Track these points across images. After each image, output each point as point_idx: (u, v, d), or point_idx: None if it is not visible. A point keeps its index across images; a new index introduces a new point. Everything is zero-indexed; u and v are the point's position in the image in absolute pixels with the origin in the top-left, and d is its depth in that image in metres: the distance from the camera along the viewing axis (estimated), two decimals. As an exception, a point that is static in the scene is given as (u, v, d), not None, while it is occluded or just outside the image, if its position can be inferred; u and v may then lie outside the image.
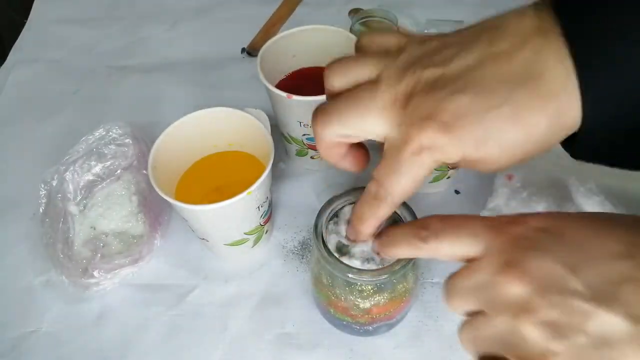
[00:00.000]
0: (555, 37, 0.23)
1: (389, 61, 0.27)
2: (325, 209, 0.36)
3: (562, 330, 0.21)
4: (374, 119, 0.27)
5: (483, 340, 0.24)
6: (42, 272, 0.47)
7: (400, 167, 0.26)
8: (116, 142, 0.51)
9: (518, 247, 0.23)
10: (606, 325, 0.20)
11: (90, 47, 0.69)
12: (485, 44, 0.25)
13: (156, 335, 0.43)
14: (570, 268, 0.22)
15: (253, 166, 0.46)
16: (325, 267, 0.35)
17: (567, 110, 0.23)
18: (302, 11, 0.71)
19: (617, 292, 0.21)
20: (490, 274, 0.23)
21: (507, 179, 0.45)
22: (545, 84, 0.23)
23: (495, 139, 0.24)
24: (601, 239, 0.23)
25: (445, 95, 0.25)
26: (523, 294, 0.22)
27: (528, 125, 0.24)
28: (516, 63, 0.24)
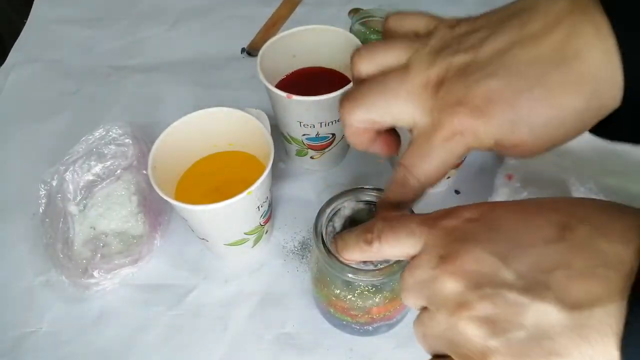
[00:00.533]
0: (592, 15, 0.22)
1: (419, 46, 0.27)
2: (325, 209, 0.36)
3: (499, 325, 0.21)
4: (402, 104, 0.27)
5: (430, 337, 0.24)
6: (42, 272, 0.47)
7: (431, 153, 0.26)
8: (116, 142, 0.51)
9: (450, 239, 0.23)
10: (542, 316, 0.20)
11: (90, 47, 0.69)
12: (516, 26, 0.24)
13: (156, 335, 0.43)
14: (501, 258, 0.21)
15: (253, 166, 0.46)
16: (325, 267, 0.35)
17: (606, 90, 0.23)
18: (302, 11, 0.71)
19: (549, 280, 0.20)
20: (428, 269, 0.23)
21: (507, 179, 0.45)
22: (581, 64, 0.22)
23: (527, 122, 0.24)
24: (532, 225, 0.22)
25: (476, 79, 0.24)
26: (457, 288, 0.22)
27: (561, 108, 0.23)
28: (549, 44, 0.23)
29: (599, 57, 0.22)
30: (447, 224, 0.24)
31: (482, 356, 0.21)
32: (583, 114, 0.23)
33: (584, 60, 0.22)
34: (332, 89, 0.43)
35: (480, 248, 0.22)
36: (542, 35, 0.23)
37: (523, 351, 0.20)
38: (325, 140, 0.49)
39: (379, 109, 0.27)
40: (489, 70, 0.24)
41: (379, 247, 0.26)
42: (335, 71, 0.51)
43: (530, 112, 0.23)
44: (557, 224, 0.21)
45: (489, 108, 0.24)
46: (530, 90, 0.23)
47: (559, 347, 0.20)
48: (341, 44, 0.49)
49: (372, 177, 0.52)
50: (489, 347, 0.21)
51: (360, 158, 0.55)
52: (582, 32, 0.22)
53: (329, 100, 0.43)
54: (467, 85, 0.24)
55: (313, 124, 0.46)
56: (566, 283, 0.20)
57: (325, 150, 0.51)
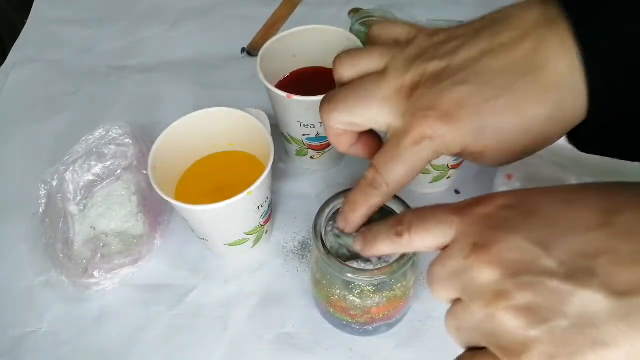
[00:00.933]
0: (561, 27, 0.23)
1: (397, 52, 0.28)
2: (325, 209, 0.36)
3: (540, 315, 0.20)
4: (377, 107, 0.27)
5: (464, 330, 0.23)
6: (42, 272, 0.47)
7: (400, 155, 0.26)
8: (116, 142, 0.51)
9: (485, 227, 0.23)
10: (586, 304, 0.19)
11: (90, 47, 0.69)
12: (489, 36, 0.25)
13: (156, 335, 0.43)
14: (541, 245, 0.21)
15: (253, 166, 0.46)
16: (325, 267, 0.35)
17: (570, 100, 0.23)
18: (302, 11, 0.71)
19: (594, 266, 0.19)
20: (461, 259, 0.23)
21: (507, 179, 0.46)
22: (547, 74, 0.23)
23: (493, 129, 0.24)
24: (573, 210, 0.21)
25: (447, 86, 0.25)
26: (493, 277, 0.21)
27: (526, 116, 0.24)
28: (518, 54, 0.24)
29: (564, 68, 0.23)
30: (480, 211, 0.23)
31: (523, 347, 0.20)
32: (547, 123, 0.24)
33: (549, 71, 0.23)
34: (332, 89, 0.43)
35: (517, 235, 0.21)
36: (512, 46, 0.24)
37: (566, 341, 0.19)
38: (326, 140, 0.49)
39: (355, 111, 0.28)
40: (460, 77, 0.25)
41: (409, 238, 0.26)
42: (335, 71, 0.51)
43: (496, 119, 0.24)
44: (600, 209, 0.21)
45: (458, 114, 0.25)
46: (497, 98, 0.24)
47: (605, 336, 0.19)
48: (341, 44, 0.48)
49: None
50: (530, 338, 0.20)
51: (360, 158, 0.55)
52: (549, 44, 0.23)
53: (326, 98, 0.43)
54: (439, 90, 0.25)
55: (313, 124, 0.46)
56: (612, 269, 0.19)
57: (325, 150, 0.51)
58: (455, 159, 0.46)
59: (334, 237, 0.36)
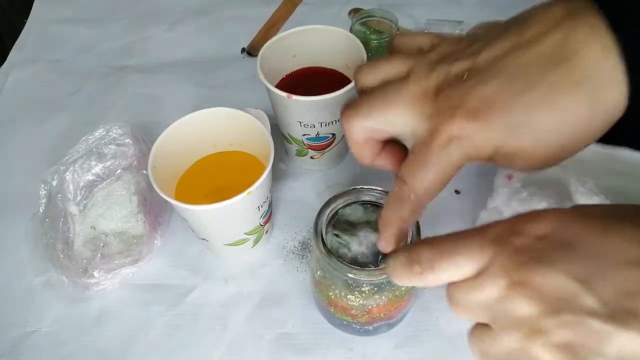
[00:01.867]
0: (589, 16, 0.22)
1: (419, 58, 0.27)
2: (325, 209, 0.36)
3: (578, 354, 0.19)
4: (401, 111, 0.26)
5: (491, 356, 0.23)
6: (42, 272, 0.47)
7: (427, 161, 0.25)
8: (116, 142, 0.51)
9: (522, 261, 0.22)
10: (626, 346, 0.19)
11: (90, 47, 0.69)
12: (514, 34, 0.24)
13: (156, 335, 0.43)
14: (582, 282, 0.20)
15: (253, 166, 0.46)
16: (325, 267, 0.35)
17: (607, 88, 0.22)
18: (302, 11, 0.71)
19: (636, 307, 0.19)
20: (495, 291, 0.22)
21: (507, 179, 0.45)
22: (579, 62, 0.22)
23: (527, 125, 0.23)
24: (612, 243, 0.21)
25: (473, 84, 0.24)
26: (532, 312, 0.21)
27: (562, 109, 0.23)
28: (546, 46, 0.23)
29: (597, 54, 0.22)
30: (516, 242, 0.22)
31: None
32: (584, 116, 0.23)
33: (581, 59, 0.22)
34: (332, 89, 0.43)
35: (557, 270, 0.21)
36: (539, 40, 0.23)
37: None
38: (326, 140, 0.49)
39: (377, 116, 0.27)
40: (486, 74, 0.24)
41: (435, 276, 0.24)
42: (335, 71, 0.51)
43: (530, 114, 0.23)
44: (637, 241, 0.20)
45: (486, 111, 0.23)
46: (529, 91, 0.23)
47: None
48: (341, 44, 0.49)
49: (372, 177, 0.52)
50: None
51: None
52: (579, 33, 0.22)
53: (329, 100, 0.43)
54: (465, 89, 0.24)
55: (313, 124, 0.46)
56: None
57: (325, 150, 0.51)
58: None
59: (335, 238, 0.36)
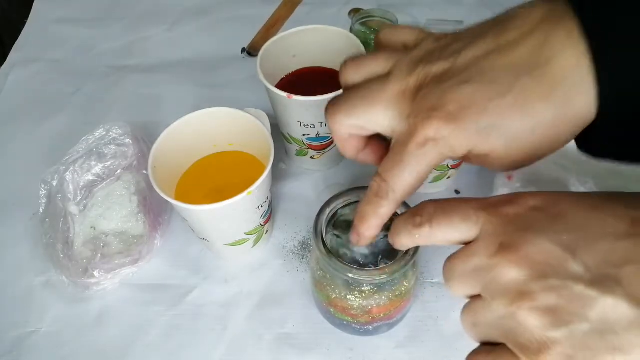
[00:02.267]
0: (567, 22, 0.23)
1: (402, 56, 0.28)
2: (325, 209, 0.36)
3: (562, 317, 0.20)
4: (381, 109, 0.27)
5: (482, 326, 0.23)
6: (42, 272, 0.47)
7: (404, 160, 0.26)
8: (116, 142, 0.51)
9: (513, 228, 0.23)
10: (609, 311, 0.19)
11: (90, 47, 0.69)
12: (494, 35, 0.25)
13: (156, 335, 0.43)
14: (569, 249, 0.21)
15: (253, 166, 0.46)
16: (325, 267, 0.35)
17: (577, 96, 0.23)
18: (302, 11, 0.71)
19: (620, 274, 0.20)
20: (486, 257, 0.23)
21: (507, 179, 0.46)
22: (553, 69, 0.23)
23: (499, 129, 0.24)
24: (602, 217, 0.22)
25: (450, 86, 0.25)
26: (520, 278, 0.21)
27: (533, 114, 0.23)
28: (522, 51, 0.23)
29: (570, 62, 0.22)
30: (509, 210, 0.23)
31: (543, 347, 0.21)
32: (555, 122, 0.23)
33: (555, 65, 0.23)
34: (333, 89, 0.43)
35: (546, 238, 0.22)
36: (517, 43, 0.24)
37: (585, 344, 0.20)
38: (326, 140, 0.49)
39: (358, 113, 0.28)
40: (464, 77, 0.24)
41: (430, 231, 0.25)
42: (336, 71, 0.51)
43: (503, 118, 0.24)
44: (628, 219, 0.21)
45: (461, 114, 0.24)
46: (503, 96, 0.23)
47: (623, 343, 0.19)
48: (341, 44, 0.49)
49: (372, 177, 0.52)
50: (550, 338, 0.20)
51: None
52: (555, 39, 0.23)
53: (329, 100, 0.43)
54: (442, 91, 0.25)
55: (313, 124, 0.46)
56: (637, 278, 0.20)
57: (325, 150, 0.51)
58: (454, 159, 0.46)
59: (335, 237, 0.36)
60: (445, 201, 0.26)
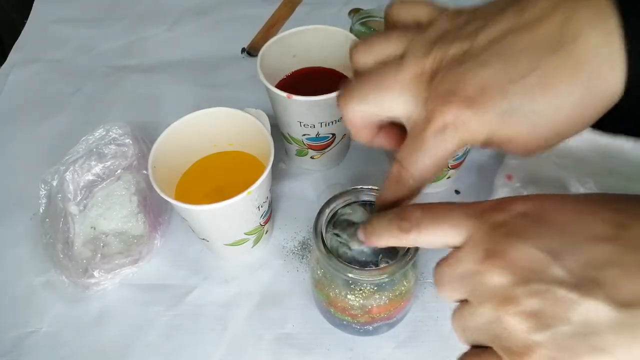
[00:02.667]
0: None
1: (416, 36, 0.26)
2: (325, 209, 0.36)
3: (545, 320, 0.20)
4: (396, 94, 0.26)
5: (470, 330, 0.24)
6: (42, 272, 0.47)
7: (423, 146, 0.25)
8: (116, 142, 0.51)
9: (499, 234, 0.23)
10: (590, 313, 0.20)
11: (90, 47, 0.69)
12: (513, 14, 0.24)
13: (156, 335, 0.43)
14: (552, 254, 0.21)
15: (253, 166, 0.46)
16: (325, 266, 0.35)
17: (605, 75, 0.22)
18: (302, 11, 0.71)
19: (601, 277, 0.20)
20: (473, 263, 0.23)
21: (507, 179, 0.46)
22: (579, 47, 0.22)
23: (522, 111, 0.23)
24: (585, 221, 0.22)
25: (469, 68, 0.24)
26: (504, 283, 0.21)
27: (557, 95, 0.22)
28: (545, 30, 0.22)
29: (598, 39, 0.21)
30: (495, 217, 0.23)
31: (527, 350, 0.21)
32: (581, 102, 0.22)
33: (581, 43, 0.22)
34: (332, 89, 0.43)
35: (530, 243, 0.22)
36: (539, 21, 0.23)
37: (568, 346, 0.20)
38: (326, 140, 0.49)
39: (373, 100, 0.27)
40: (482, 58, 0.24)
41: (417, 236, 0.25)
42: (335, 71, 0.51)
43: (525, 100, 0.23)
44: (611, 221, 0.21)
45: (481, 98, 0.23)
46: (524, 77, 0.23)
47: (604, 344, 0.19)
48: (341, 44, 0.49)
49: (372, 177, 0.52)
50: (534, 341, 0.21)
51: (360, 158, 0.55)
52: (581, 15, 0.22)
53: (329, 100, 0.43)
54: (461, 73, 0.24)
55: (313, 124, 0.46)
56: (618, 281, 0.20)
57: (325, 150, 0.51)
58: (455, 158, 0.46)
59: (334, 237, 0.36)
60: (433, 206, 0.25)
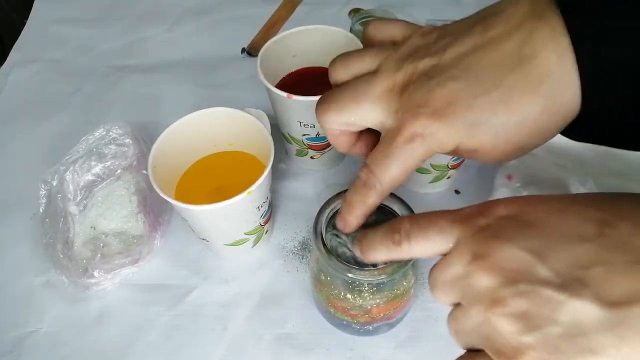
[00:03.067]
0: (551, 18, 0.23)
1: (390, 53, 0.28)
2: (325, 209, 0.36)
3: (533, 322, 0.20)
4: (369, 106, 0.28)
5: (463, 333, 0.24)
6: (42, 272, 0.47)
7: (392, 154, 0.26)
8: (116, 142, 0.51)
9: (485, 237, 0.23)
10: (578, 313, 0.20)
11: (90, 47, 0.69)
12: (479, 31, 0.25)
13: (156, 335, 0.43)
14: (537, 255, 0.21)
15: (253, 166, 0.46)
16: (325, 266, 0.35)
17: (563, 90, 0.23)
18: (302, 11, 0.71)
19: (587, 277, 0.20)
20: (461, 266, 0.23)
21: (507, 179, 0.46)
22: (537, 65, 0.23)
23: (486, 124, 0.24)
24: (569, 220, 0.22)
25: (437, 83, 0.25)
26: (491, 284, 0.22)
27: (519, 109, 0.24)
28: (508, 47, 0.24)
29: (554, 58, 0.23)
30: (480, 221, 0.24)
31: (516, 352, 0.21)
32: (541, 117, 0.24)
33: (539, 62, 0.23)
34: (332, 89, 0.43)
35: (515, 245, 0.22)
36: (502, 39, 0.24)
37: (557, 347, 0.20)
38: (326, 140, 0.49)
39: (347, 110, 0.28)
40: (450, 73, 0.25)
41: (409, 247, 0.26)
42: (335, 71, 0.51)
43: (489, 114, 0.24)
44: (596, 220, 0.21)
45: (449, 111, 0.25)
46: (488, 92, 0.24)
47: (594, 345, 0.19)
48: (341, 44, 0.49)
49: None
50: (523, 343, 0.21)
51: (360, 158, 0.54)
52: (539, 35, 0.23)
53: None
54: (429, 88, 0.25)
55: (313, 124, 0.46)
56: (605, 280, 0.20)
57: (325, 150, 0.51)
58: (455, 158, 0.46)
59: (334, 237, 0.36)
60: (420, 216, 0.26)
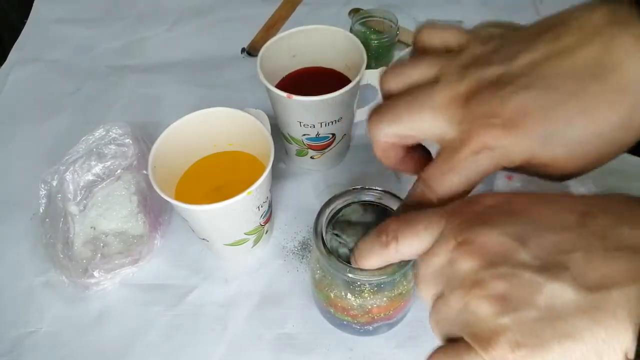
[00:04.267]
0: (632, 26, 0.22)
1: (448, 61, 0.27)
2: (325, 209, 0.36)
3: (511, 304, 0.20)
4: (429, 116, 0.26)
5: (443, 322, 0.24)
6: (42, 272, 0.47)
7: (454, 168, 0.25)
8: (116, 142, 0.51)
9: (467, 225, 0.23)
10: (555, 296, 0.20)
11: (90, 47, 0.69)
12: (550, 39, 0.24)
13: (156, 335, 0.43)
14: (520, 240, 0.21)
15: (253, 166, 0.46)
16: (325, 266, 0.35)
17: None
18: (302, 11, 0.71)
19: (567, 261, 0.20)
20: (445, 254, 0.23)
21: (507, 179, 0.46)
22: (620, 75, 0.22)
23: (562, 136, 0.23)
24: (553, 210, 0.22)
25: (509, 92, 0.24)
26: (472, 267, 0.22)
27: (599, 121, 0.23)
28: (585, 56, 0.23)
29: (637, 70, 0.22)
30: (465, 212, 0.24)
31: (493, 334, 0.21)
32: (620, 129, 0.23)
33: (623, 71, 0.22)
34: (332, 89, 0.43)
35: (497, 230, 0.22)
36: (578, 47, 0.23)
37: (534, 331, 0.20)
38: (326, 140, 0.49)
39: (405, 121, 0.27)
40: (523, 82, 0.24)
41: (397, 247, 0.25)
42: (335, 71, 0.51)
43: (566, 126, 0.23)
44: (578, 211, 0.22)
45: (523, 121, 0.23)
46: (566, 102, 0.23)
47: (570, 329, 0.19)
48: (341, 44, 0.49)
49: (372, 177, 0.52)
50: (500, 325, 0.20)
51: (360, 158, 0.55)
52: (621, 43, 0.22)
53: (329, 100, 0.43)
54: (501, 97, 0.24)
55: (313, 124, 0.46)
56: (584, 264, 0.20)
57: (325, 150, 0.51)
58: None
59: (335, 237, 0.36)
60: (406, 215, 0.26)
